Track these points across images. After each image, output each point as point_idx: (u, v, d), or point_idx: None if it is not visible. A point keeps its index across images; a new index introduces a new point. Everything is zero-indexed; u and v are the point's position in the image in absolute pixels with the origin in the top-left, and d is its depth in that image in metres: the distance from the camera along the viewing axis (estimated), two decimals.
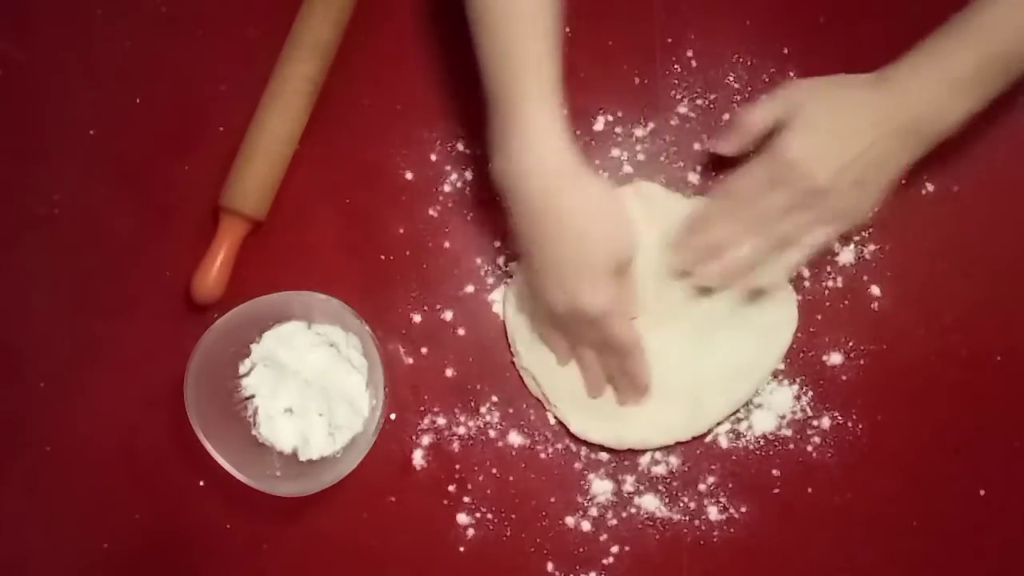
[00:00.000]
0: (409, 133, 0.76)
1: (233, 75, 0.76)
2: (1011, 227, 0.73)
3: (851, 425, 0.71)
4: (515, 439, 0.72)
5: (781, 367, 0.72)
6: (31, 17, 0.78)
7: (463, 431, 0.73)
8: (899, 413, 0.71)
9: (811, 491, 0.71)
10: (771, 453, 0.71)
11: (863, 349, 0.72)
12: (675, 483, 0.71)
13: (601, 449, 0.72)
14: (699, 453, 0.72)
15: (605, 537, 0.71)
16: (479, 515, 0.72)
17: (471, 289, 0.74)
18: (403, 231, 0.75)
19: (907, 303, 0.72)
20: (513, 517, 0.71)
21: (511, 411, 0.73)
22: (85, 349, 0.74)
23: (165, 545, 0.73)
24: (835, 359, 0.72)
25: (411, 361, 0.74)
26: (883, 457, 0.71)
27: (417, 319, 0.74)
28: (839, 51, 0.74)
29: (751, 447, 0.71)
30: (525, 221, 0.65)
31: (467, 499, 0.72)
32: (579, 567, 0.71)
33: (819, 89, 0.67)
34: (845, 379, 0.72)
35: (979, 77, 0.62)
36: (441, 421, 0.73)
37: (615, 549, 0.71)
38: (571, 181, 0.64)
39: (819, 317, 0.72)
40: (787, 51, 0.75)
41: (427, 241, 0.75)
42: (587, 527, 0.71)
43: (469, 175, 0.75)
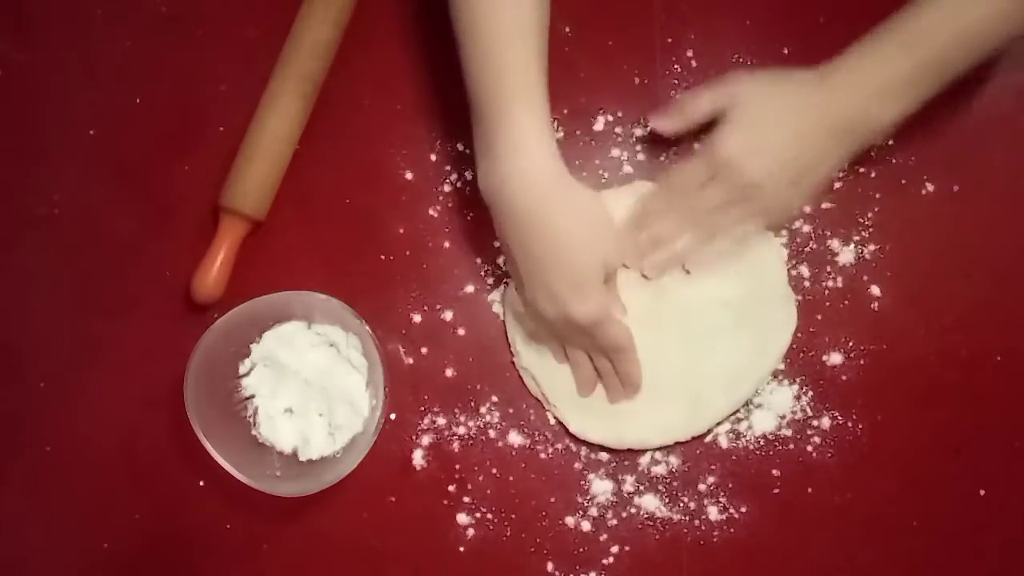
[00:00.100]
0: (409, 133, 0.76)
1: (233, 75, 0.76)
2: (1011, 227, 0.73)
3: (851, 425, 0.71)
4: (515, 439, 0.72)
5: (781, 367, 0.72)
6: (31, 17, 0.78)
7: (463, 431, 0.73)
8: (899, 413, 0.71)
9: (811, 491, 0.71)
10: (771, 453, 0.71)
11: (863, 349, 0.72)
12: (675, 483, 0.71)
13: (601, 449, 0.72)
14: (699, 453, 0.72)
15: (605, 537, 0.71)
16: (479, 515, 0.72)
17: (471, 289, 0.74)
18: (403, 231, 0.75)
19: (907, 303, 0.72)
20: (513, 517, 0.71)
21: (511, 411, 0.73)
22: (85, 349, 0.74)
23: (165, 545, 0.73)
24: (835, 359, 0.72)
25: (411, 361, 0.74)
26: (883, 457, 0.71)
27: (417, 319, 0.74)
28: (839, 51, 0.74)
29: (751, 447, 0.71)
30: (512, 231, 0.65)
31: (467, 499, 0.72)
32: (579, 567, 0.71)
33: (760, 85, 0.68)
34: (845, 379, 0.72)
35: (913, 81, 0.63)
36: (441, 421, 0.73)
37: (615, 549, 0.71)
38: (557, 191, 0.64)
39: (819, 317, 0.72)
40: (787, 51, 0.75)
41: (427, 241, 0.75)
42: (587, 527, 0.71)
43: (469, 175, 0.75)
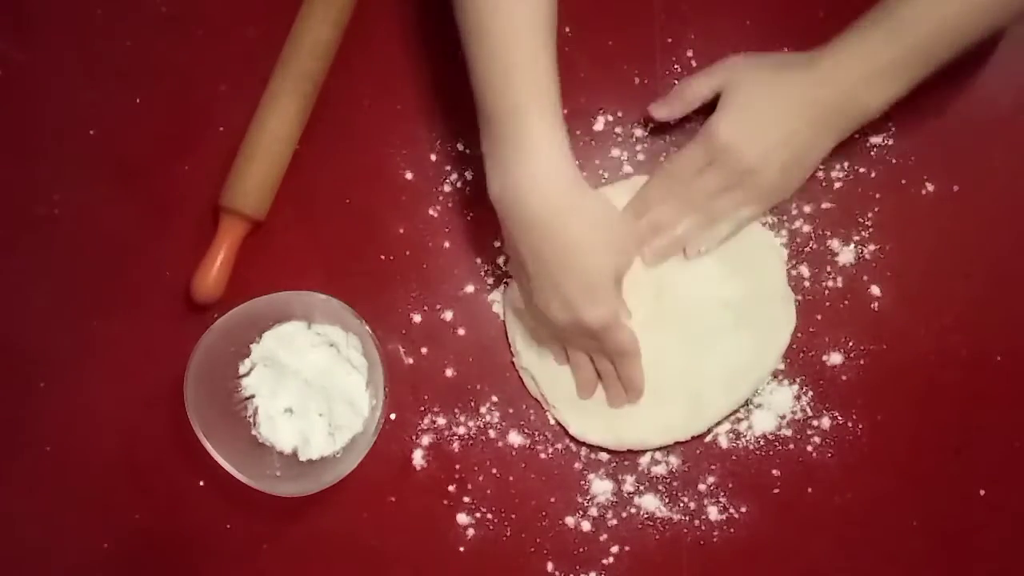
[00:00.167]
0: (409, 133, 0.76)
1: (233, 75, 0.76)
2: (1011, 227, 0.73)
3: (851, 425, 0.71)
4: (515, 439, 0.72)
5: (781, 367, 0.72)
6: (31, 17, 0.78)
7: (463, 431, 0.73)
8: (899, 413, 0.71)
9: (811, 491, 0.71)
10: (771, 453, 0.71)
11: (863, 349, 0.72)
12: (675, 483, 0.71)
13: (601, 449, 0.72)
14: (699, 453, 0.72)
15: (605, 537, 0.71)
16: (479, 515, 0.72)
17: (471, 289, 0.74)
18: (403, 231, 0.75)
19: (907, 303, 0.72)
20: (513, 517, 0.71)
21: (511, 411, 0.73)
22: (85, 349, 0.74)
23: (165, 545, 0.73)
24: (835, 359, 0.72)
25: (411, 361, 0.74)
26: (883, 457, 0.71)
27: (417, 319, 0.74)
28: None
29: (751, 447, 0.71)
30: (523, 237, 0.64)
31: (467, 499, 0.72)
32: (579, 567, 0.71)
33: (754, 69, 0.69)
34: (845, 379, 0.72)
35: (900, 67, 0.64)
36: (441, 421, 0.73)
37: (615, 549, 0.71)
38: (571, 197, 0.64)
39: (819, 317, 0.72)
40: (787, 51, 0.74)
41: (427, 241, 0.75)
42: (587, 527, 0.71)
43: (469, 175, 0.75)
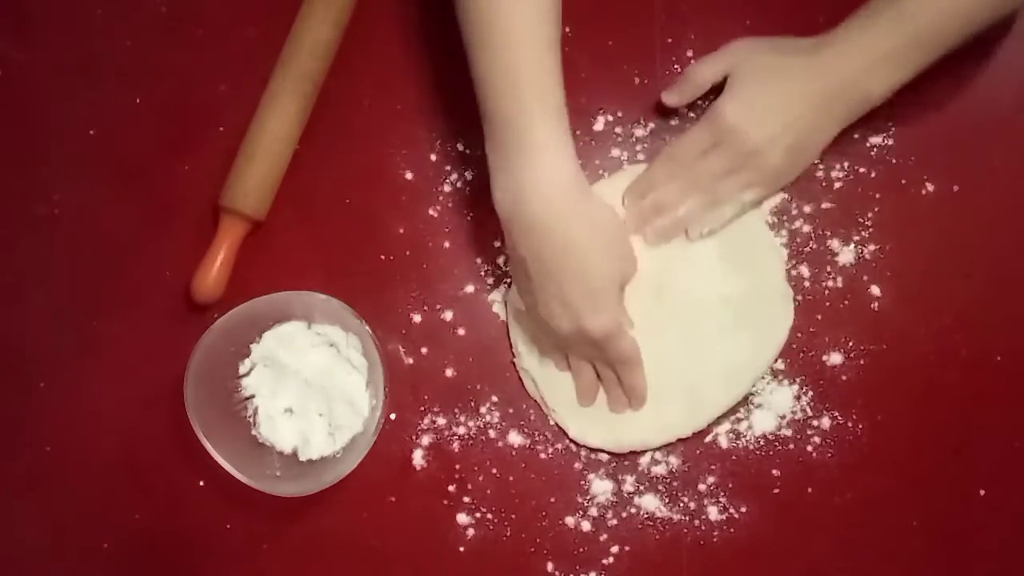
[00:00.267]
0: (409, 133, 0.76)
1: (233, 75, 0.76)
2: (1011, 227, 0.73)
3: (851, 425, 0.71)
4: (515, 439, 0.72)
5: (781, 367, 0.72)
6: (31, 17, 0.78)
7: (463, 431, 0.73)
8: (899, 413, 0.71)
9: (811, 491, 0.71)
10: (771, 453, 0.71)
11: (863, 349, 0.72)
12: (675, 483, 0.71)
13: (601, 449, 0.72)
14: (699, 453, 0.72)
15: (605, 537, 0.71)
16: (479, 515, 0.72)
17: (471, 289, 0.74)
18: (403, 231, 0.75)
19: (907, 303, 0.72)
20: (513, 517, 0.71)
21: (511, 411, 0.73)
22: (85, 349, 0.74)
23: (165, 545, 0.73)
24: (835, 359, 0.72)
25: (411, 361, 0.74)
26: (883, 457, 0.71)
27: (417, 319, 0.74)
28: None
29: (751, 447, 0.71)
30: (527, 244, 0.64)
31: (467, 499, 0.72)
32: (579, 567, 0.71)
33: (761, 52, 0.70)
34: (845, 379, 0.72)
35: (905, 53, 0.64)
36: (441, 421, 0.73)
37: (615, 549, 0.71)
38: (577, 205, 0.64)
39: (819, 317, 0.72)
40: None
41: (427, 241, 0.75)
42: (587, 527, 0.71)
43: (469, 175, 0.75)
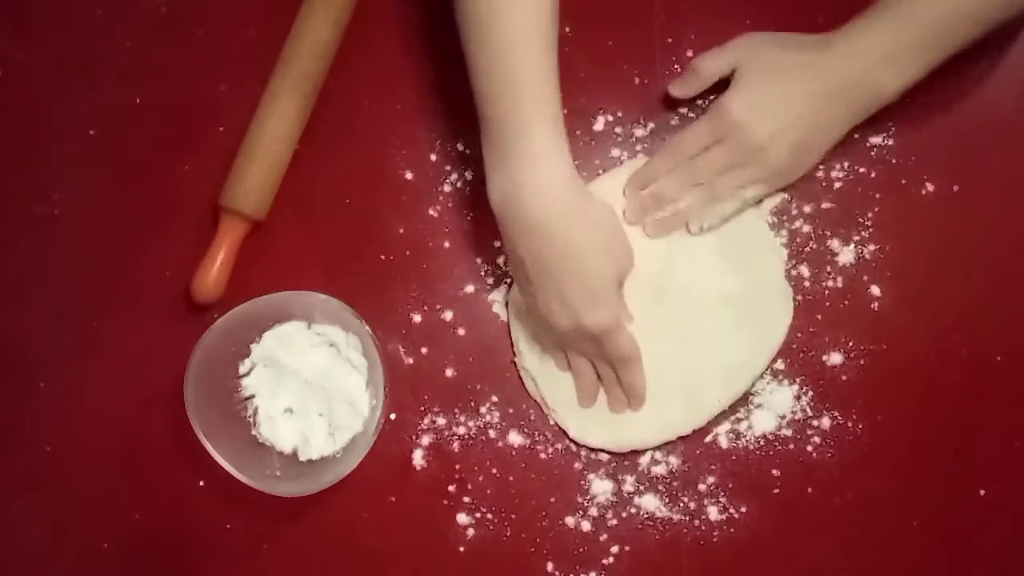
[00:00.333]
0: (409, 133, 0.76)
1: (233, 75, 0.76)
2: (1011, 227, 0.73)
3: (851, 425, 0.71)
4: (515, 439, 0.72)
5: (781, 367, 0.72)
6: (31, 17, 0.78)
7: (463, 431, 0.73)
8: (899, 413, 0.71)
9: (811, 491, 0.71)
10: (771, 453, 0.71)
11: (863, 349, 0.72)
12: (675, 483, 0.71)
13: (601, 449, 0.72)
14: (699, 453, 0.72)
15: (605, 537, 0.71)
16: (479, 515, 0.72)
17: (471, 289, 0.74)
18: (403, 231, 0.75)
19: (907, 303, 0.72)
20: (513, 517, 0.71)
21: (511, 411, 0.73)
22: (85, 349, 0.74)
23: (165, 545, 0.73)
24: (835, 359, 0.72)
25: (411, 361, 0.74)
26: (883, 457, 0.71)
27: (417, 319, 0.74)
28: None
29: (751, 447, 0.71)
30: (525, 243, 0.64)
31: (467, 499, 0.72)
32: (579, 567, 0.71)
33: (768, 46, 0.69)
34: (845, 379, 0.72)
35: (917, 49, 0.64)
36: (441, 421, 0.73)
37: (615, 549, 0.71)
38: (574, 204, 0.64)
39: (819, 317, 0.72)
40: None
41: (427, 241, 0.75)
42: (587, 527, 0.71)
43: (469, 175, 0.75)
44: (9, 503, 0.73)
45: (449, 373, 0.73)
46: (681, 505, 0.71)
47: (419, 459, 0.72)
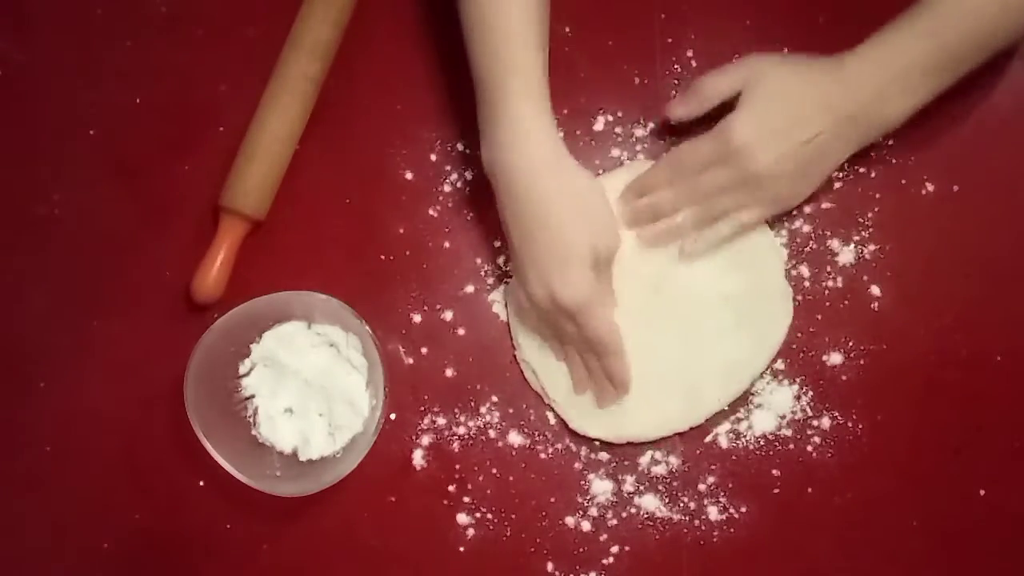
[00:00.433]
0: (409, 133, 0.76)
1: (233, 75, 0.76)
2: (1011, 227, 0.73)
3: (851, 425, 0.71)
4: (515, 439, 0.72)
5: (781, 367, 0.72)
6: (31, 17, 0.78)
7: (463, 431, 0.73)
8: (899, 413, 0.71)
9: (811, 491, 0.71)
10: (771, 453, 0.71)
11: (863, 349, 0.72)
12: (675, 483, 0.71)
13: (601, 449, 0.72)
14: (699, 453, 0.72)
15: (605, 537, 0.71)
16: (479, 515, 0.72)
17: (471, 289, 0.74)
18: (403, 231, 0.75)
19: (907, 303, 0.72)
20: (513, 517, 0.71)
21: (511, 411, 0.73)
22: (85, 349, 0.74)
23: (165, 545, 0.73)
24: (835, 359, 0.72)
25: (411, 361, 0.73)
26: (883, 457, 0.71)
27: (417, 319, 0.74)
28: (839, 52, 0.74)
29: (751, 447, 0.71)
30: (508, 209, 0.66)
31: (467, 499, 0.72)
32: (579, 567, 0.71)
33: (775, 70, 0.68)
34: (845, 379, 0.72)
35: (927, 73, 0.64)
36: (441, 421, 0.73)
37: (615, 549, 0.71)
38: (554, 171, 0.65)
39: (819, 317, 0.72)
40: (787, 51, 0.75)
41: (427, 241, 0.75)
42: (587, 527, 0.71)
43: (469, 175, 0.75)
44: (9, 503, 0.73)
45: (449, 373, 0.73)
46: (681, 505, 0.71)
47: (419, 459, 0.72)
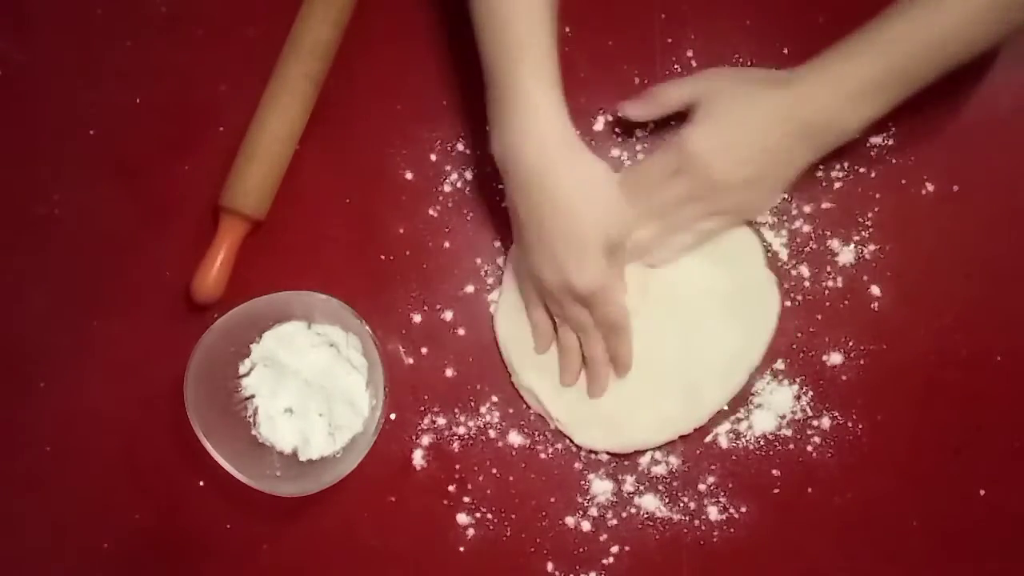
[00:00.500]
0: (409, 133, 0.76)
1: (233, 75, 0.76)
2: (1011, 227, 0.73)
3: (851, 425, 0.71)
4: (515, 439, 0.72)
5: (781, 367, 0.72)
6: (31, 17, 0.78)
7: (463, 431, 0.73)
8: (899, 413, 0.71)
9: (811, 491, 0.71)
10: (771, 453, 0.71)
11: (863, 349, 0.72)
12: (675, 483, 0.71)
13: (606, 451, 0.72)
14: (699, 453, 0.72)
15: (605, 537, 0.71)
16: (479, 515, 0.72)
17: (471, 289, 0.74)
18: (403, 231, 0.75)
19: (907, 303, 0.72)
20: (513, 517, 0.71)
21: (511, 411, 0.73)
22: (85, 349, 0.74)
23: (165, 545, 0.73)
24: (835, 359, 0.72)
25: (411, 361, 0.73)
26: (883, 457, 0.71)
27: (417, 319, 0.74)
28: None
29: (751, 447, 0.71)
30: (519, 195, 0.66)
31: (467, 499, 0.72)
32: (579, 567, 0.71)
33: (731, 82, 0.69)
34: (845, 379, 0.72)
35: (881, 87, 0.64)
36: (441, 421, 0.73)
37: (615, 549, 0.71)
38: (566, 156, 0.65)
39: (819, 317, 0.72)
40: (787, 51, 0.75)
41: (427, 241, 0.75)
42: (587, 527, 0.71)
43: (469, 175, 0.75)
44: (9, 503, 0.73)
45: (449, 373, 0.73)
46: (681, 505, 0.71)
47: (419, 459, 0.72)
